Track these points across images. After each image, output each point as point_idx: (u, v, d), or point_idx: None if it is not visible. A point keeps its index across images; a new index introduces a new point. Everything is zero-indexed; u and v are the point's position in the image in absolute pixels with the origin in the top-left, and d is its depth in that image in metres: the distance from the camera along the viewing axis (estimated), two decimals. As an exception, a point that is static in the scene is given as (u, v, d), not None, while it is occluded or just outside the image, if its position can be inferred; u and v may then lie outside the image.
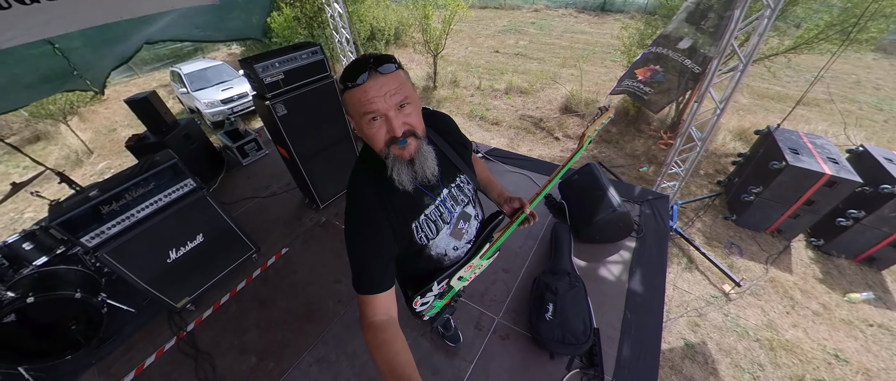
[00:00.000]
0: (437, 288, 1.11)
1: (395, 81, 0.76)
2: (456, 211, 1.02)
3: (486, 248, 1.11)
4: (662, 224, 2.70)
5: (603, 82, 7.33)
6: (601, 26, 11.81)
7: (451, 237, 1.03)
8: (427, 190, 0.94)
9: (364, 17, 9.44)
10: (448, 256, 1.07)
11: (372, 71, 0.74)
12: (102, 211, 1.90)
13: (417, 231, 0.95)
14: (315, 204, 3.21)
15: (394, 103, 0.75)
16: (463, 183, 1.03)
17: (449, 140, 1.01)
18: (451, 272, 1.10)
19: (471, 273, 1.16)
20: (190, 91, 7.38)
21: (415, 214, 0.93)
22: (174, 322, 2.36)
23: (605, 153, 5.09)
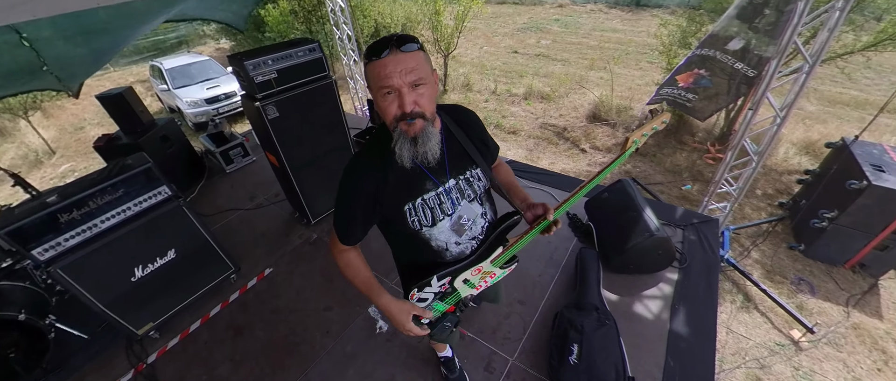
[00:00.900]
0: (438, 285, 1.16)
1: (414, 61, 0.87)
2: (461, 204, 1.09)
3: (498, 252, 1.15)
4: (711, 253, 2.60)
5: (638, 87, 7.32)
6: (636, 23, 11.89)
7: (452, 231, 1.10)
8: (431, 174, 1.02)
9: (368, 12, 9.68)
10: (449, 251, 1.14)
11: (394, 48, 0.85)
12: (60, 220, 1.86)
13: (410, 215, 1.04)
14: (306, 219, 3.15)
15: (408, 81, 0.86)
16: (474, 178, 1.10)
17: (469, 134, 1.10)
18: (455, 271, 1.15)
19: (479, 279, 1.20)
20: (171, 88, 7.52)
21: (411, 196, 1.03)
22: (133, 352, 2.27)
23: (640, 168, 5.00)
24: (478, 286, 1.24)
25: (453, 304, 1.27)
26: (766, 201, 4.32)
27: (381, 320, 2.32)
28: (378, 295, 1.15)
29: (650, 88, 7.03)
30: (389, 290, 1.41)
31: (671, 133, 5.55)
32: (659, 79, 6.14)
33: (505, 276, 1.28)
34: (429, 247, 1.12)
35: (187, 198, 3.53)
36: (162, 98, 8.70)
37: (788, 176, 4.63)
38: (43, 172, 7.18)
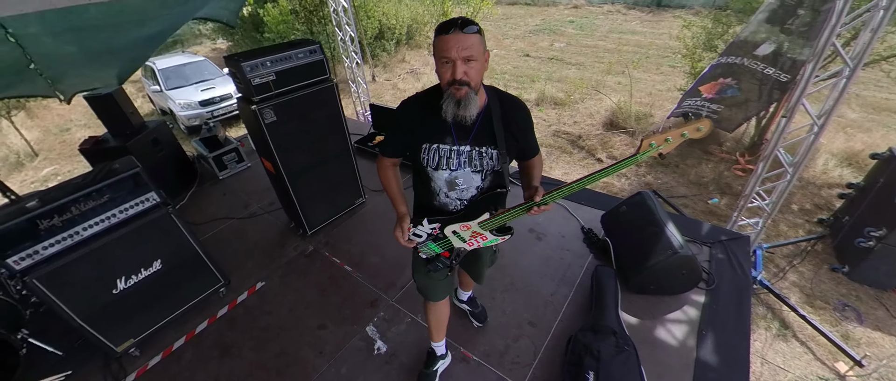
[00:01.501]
0: (429, 227, 1.49)
1: (469, 41, 1.14)
2: (465, 168, 1.36)
3: (484, 216, 1.39)
4: (742, 274, 2.55)
5: (658, 92, 7.32)
6: (657, 25, 11.99)
7: (446, 182, 1.40)
8: (455, 133, 1.32)
9: (372, 13, 9.86)
10: (439, 197, 1.45)
11: (457, 29, 1.13)
12: (40, 226, 1.86)
13: (424, 152, 1.37)
14: (302, 230, 3.15)
15: (462, 56, 1.14)
16: (486, 156, 1.34)
17: (507, 122, 1.34)
18: (443, 221, 1.46)
19: (467, 235, 1.48)
20: (163, 89, 7.67)
21: (432, 140, 1.35)
22: (111, 372, 2.24)
23: (662, 180, 4.95)
24: (469, 242, 1.52)
25: (447, 250, 1.58)
26: (803, 218, 4.25)
27: (379, 340, 2.28)
28: (397, 205, 1.53)
29: (672, 95, 7.03)
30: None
31: (696, 142, 5.51)
32: (682, 84, 6.13)
33: (498, 244, 1.53)
34: (428, 185, 1.45)
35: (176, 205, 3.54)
36: (154, 99, 8.87)
37: (829, 190, 4.55)
38: (24, 176, 7.29)
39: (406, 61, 10.82)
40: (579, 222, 3.06)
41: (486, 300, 2.45)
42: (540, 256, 2.79)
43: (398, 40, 11.32)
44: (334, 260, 2.93)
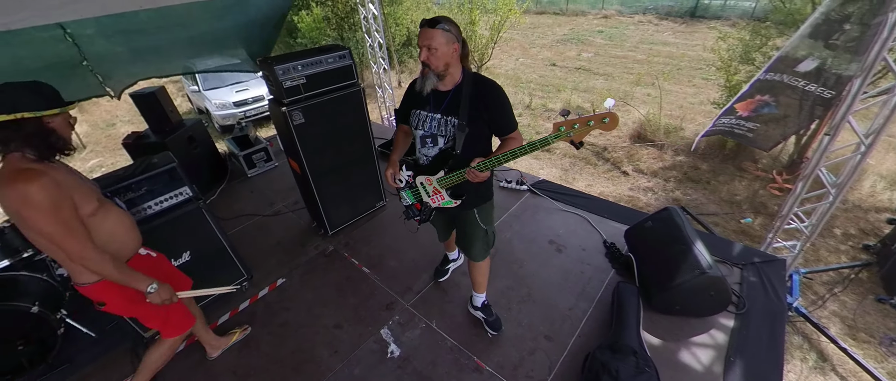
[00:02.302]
0: (406, 173, 1.90)
1: (431, 35, 1.54)
2: (434, 129, 1.74)
3: (440, 174, 1.76)
4: (776, 299, 2.42)
5: (690, 106, 7.11)
6: (690, 36, 11.69)
7: (420, 140, 1.81)
8: (433, 103, 1.72)
9: (401, 20, 10.08)
10: (417, 152, 1.88)
11: (426, 25, 1.56)
12: (84, 213, 1.98)
13: (413, 116, 1.81)
14: (323, 229, 3.22)
15: (425, 45, 1.56)
16: (450, 124, 1.68)
17: (474, 99, 1.64)
18: (416, 170, 1.86)
19: (430, 189, 1.84)
20: (201, 90, 8.07)
21: (419, 106, 1.78)
22: (138, 356, 2.34)
23: (691, 196, 4.77)
24: (432, 198, 1.86)
25: (418, 202, 1.94)
26: (847, 243, 4.00)
27: (393, 344, 2.29)
28: (393, 154, 1.93)
29: (705, 108, 6.80)
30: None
31: (729, 158, 5.29)
32: (715, 97, 5.93)
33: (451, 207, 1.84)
34: (413, 142, 1.91)
35: (207, 200, 3.70)
36: (192, 99, 9.33)
37: (876, 214, 4.28)
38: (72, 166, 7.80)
39: (433, 68, 10.95)
40: (601, 236, 2.99)
41: (502, 311, 2.42)
42: (559, 268, 2.73)
43: (425, 47, 11.47)
44: (353, 261, 2.97)
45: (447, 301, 2.54)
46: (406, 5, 10.62)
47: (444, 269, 2.71)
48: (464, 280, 2.69)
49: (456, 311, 2.47)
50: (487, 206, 1.96)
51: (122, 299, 1.62)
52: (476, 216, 1.91)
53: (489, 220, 1.99)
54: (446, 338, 2.30)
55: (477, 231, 1.97)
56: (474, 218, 1.92)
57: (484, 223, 1.94)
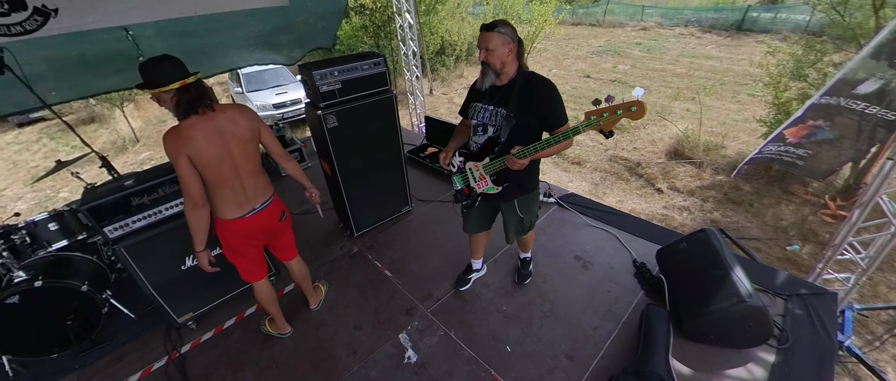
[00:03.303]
0: (458, 160, 2.07)
1: (487, 37, 1.73)
2: (485, 119, 1.92)
3: (486, 160, 1.91)
4: (825, 336, 2.23)
5: (733, 123, 6.77)
6: (735, 50, 11.18)
7: (473, 128, 2.01)
8: (488, 96, 1.90)
9: (436, 30, 10.26)
10: (470, 140, 2.06)
11: (484, 29, 1.75)
12: (133, 203, 2.13)
13: (471, 108, 2.00)
14: (349, 231, 3.29)
15: (484, 46, 1.75)
16: (500, 115, 1.84)
17: (523, 95, 1.79)
18: (466, 156, 2.04)
19: (477, 175, 2.00)
20: (244, 91, 8.51)
21: (477, 99, 1.96)
22: (170, 339, 2.47)
23: (731, 218, 4.52)
24: (477, 183, 2.01)
25: (466, 187, 2.09)
26: (908, 281, 3.64)
27: (411, 350, 2.29)
28: (451, 142, 2.14)
29: (749, 126, 6.45)
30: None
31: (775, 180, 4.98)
32: (762, 114, 5.61)
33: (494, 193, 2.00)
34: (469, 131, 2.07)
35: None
36: (235, 100, 9.86)
37: (942, 252, 3.87)
38: (126, 158, 8.44)
39: (464, 77, 11.05)
40: (631, 255, 2.88)
41: (523, 325, 2.37)
42: (585, 286, 2.65)
43: (458, 56, 11.62)
44: (376, 264, 3.01)
45: (467, 311, 2.52)
46: (441, 15, 10.81)
47: (466, 278, 2.71)
48: (485, 292, 2.66)
49: (475, 321, 2.44)
50: (529, 197, 2.10)
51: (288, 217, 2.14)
52: (516, 206, 2.09)
53: (528, 209, 2.14)
54: (464, 348, 2.28)
55: (513, 218, 2.17)
56: (513, 207, 2.10)
57: (522, 212, 2.12)
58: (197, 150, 1.59)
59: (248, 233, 1.93)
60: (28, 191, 7.46)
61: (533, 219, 2.24)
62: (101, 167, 3.01)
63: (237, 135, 1.68)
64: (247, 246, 1.99)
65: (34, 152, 9.53)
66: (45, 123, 11.07)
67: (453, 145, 2.11)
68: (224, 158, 1.68)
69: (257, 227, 1.94)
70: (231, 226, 1.86)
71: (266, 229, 2.01)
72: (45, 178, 3.10)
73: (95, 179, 2.81)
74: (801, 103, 4.83)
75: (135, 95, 10.21)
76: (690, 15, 14.40)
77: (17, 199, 7.30)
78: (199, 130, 1.60)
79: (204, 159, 1.62)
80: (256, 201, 1.86)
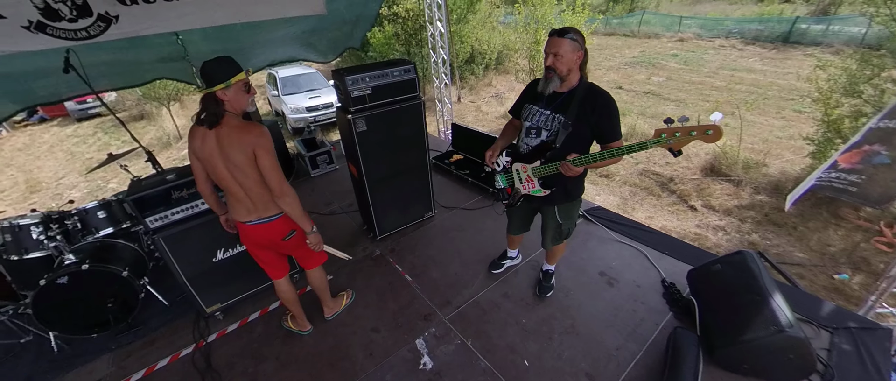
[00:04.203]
0: (505, 160, 2.11)
1: (557, 43, 1.73)
2: (540, 123, 1.93)
3: (537, 163, 1.93)
4: (876, 375, 2.05)
5: (777, 140, 6.40)
6: (781, 63, 10.61)
7: (526, 130, 2.02)
8: (546, 100, 1.91)
9: (466, 38, 10.34)
10: (520, 141, 2.07)
11: (553, 34, 1.75)
12: (173, 196, 2.26)
13: (525, 109, 2.02)
14: (372, 233, 3.34)
15: (552, 51, 1.75)
16: (558, 121, 1.85)
17: (583, 104, 1.80)
18: (515, 157, 2.06)
19: (524, 176, 2.02)
20: (280, 94, 8.88)
21: (533, 102, 1.98)
22: (198, 328, 2.58)
23: (772, 241, 4.25)
24: (523, 185, 2.04)
25: (509, 186, 2.14)
26: (975, 322, 3.28)
27: (426, 356, 2.28)
28: (499, 139, 2.19)
29: (795, 143, 6.08)
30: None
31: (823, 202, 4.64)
32: (809, 132, 5.27)
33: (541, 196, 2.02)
34: (519, 132, 2.09)
35: (272, 194, 4.04)
36: (271, 102, 10.30)
37: None
38: (169, 153, 8.97)
39: (492, 85, 11.05)
40: (660, 274, 2.76)
41: (543, 340, 2.31)
42: (609, 303, 2.56)
43: (487, 65, 11.65)
44: (397, 268, 3.04)
45: (485, 321, 2.49)
46: (472, 24, 10.89)
47: (500, 263, 2.85)
48: (504, 303, 2.62)
49: (493, 332, 2.40)
50: (571, 205, 2.13)
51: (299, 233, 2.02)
52: (556, 212, 2.12)
53: (568, 216, 2.16)
54: (480, 359, 2.24)
55: (552, 223, 2.20)
56: (554, 213, 2.13)
57: (561, 218, 2.14)
58: (194, 151, 1.79)
59: (253, 239, 2.00)
60: (82, 180, 8.06)
61: (571, 227, 2.25)
62: (147, 161, 3.21)
63: (228, 152, 1.72)
64: (257, 248, 2.07)
65: (90, 145, 10.30)
66: (100, 119, 11.96)
67: (501, 143, 2.15)
68: (217, 167, 1.77)
69: (260, 236, 1.97)
70: (240, 227, 1.98)
71: (270, 242, 2.01)
72: (98, 169, 3.34)
73: (141, 172, 2.99)
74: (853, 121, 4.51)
75: (181, 95, 10.88)
76: (732, 26, 13.82)
77: (72, 187, 7.89)
78: (199, 135, 1.75)
79: (201, 160, 1.80)
80: (263, 212, 1.88)
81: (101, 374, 2.36)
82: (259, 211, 1.87)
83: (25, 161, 9.62)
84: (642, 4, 21.91)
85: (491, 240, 3.19)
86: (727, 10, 18.45)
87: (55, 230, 2.50)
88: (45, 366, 2.42)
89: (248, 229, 1.93)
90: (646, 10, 19.49)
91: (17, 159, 9.78)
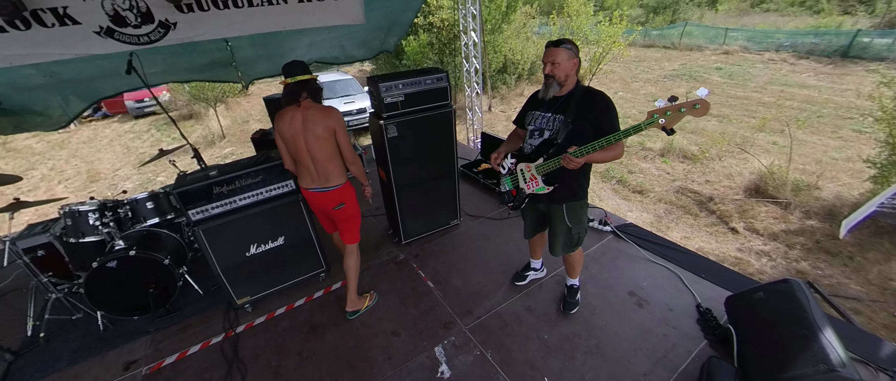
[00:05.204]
0: (509, 161, 2.21)
1: (556, 52, 1.90)
2: (542, 124, 2.05)
3: (539, 160, 2.02)
4: (944, 431, 1.82)
5: (832, 161, 5.95)
6: (838, 79, 9.89)
7: (529, 132, 2.12)
8: (547, 105, 2.04)
9: (499, 48, 10.35)
10: (524, 143, 2.17)
11: (551, 46, 1.92)
12: (214, 191, 2.39)
13: (528, 116, 2.15)
14: (397, 238, 3.38)
15: (549, 60, 1.92)
16: (557, 120, 1.97)
17: (580, 105, 1.92)
18: (519, 158, 2.16)
19: (528, 175, 2.11)
20: (317, 99, 9.23)
21: (535, 108, 2.12)
22: (228, 319, 2.70)
23: (824, 271, 3.91)
24: (527, 184, 2.13)
25: (513, 188, 2.22)
26: None
27: (444, 364, 2.27)
28: (504, 144, 2.32)
29: (853, 166, 5.62)
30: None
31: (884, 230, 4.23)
32: (870, 154, 4.85)
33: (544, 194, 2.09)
34: (523, 137, 2.21)
35: (304, 194, 4.19)
36: (308, 105, 10.71)
37: None
38: (213, 151, 9.51)
39: (524, 95, 10.97)
40: (695, 298, 2.61)
41: (565, 358, 2.24)
42: (638, 325, 2.45)
43: (520, 75, 11.59)
44: (420, 273, 3.05)
45: (506, 334, 2.45)
46: (506, 34, 10.90)
47: (523, 274, 2.84)
48: (527, 317, 2.57)
49: (513, 346, 2.36)
50: (577, 205, 2.15)
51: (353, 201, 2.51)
52: (564, 212, 2.14)
53: (577, 219, 2.17)
54: (499, 373, 2.20)
55: (561, 227, 2.20)
56: (562, 213, 2.15)
57: (570, 221, 2.15)
58: (281, 129, 2.24)
59: (312, 203, 2.50)
60: (135, 173, 8.69)
61: (581, 232, 2.24)
62: (193, 158, 3.43)
63: (311, 128, 2.19)
64: (315, 211, 2.59)
65: (144, 140, 11.10)
66: (154, 117, 12.88)
67: (504, 149, 2.27)
68: (298, 141, 2.23)
69: (317, 201, 2.45)
70: (304, 193, 2.48)
71: (323, 209, 2.48)
72: (149, 163, 3.59)
73: (187, 167, 3.19)
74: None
75: (226, 97, 11.55)
76: (783, 39, 13.03)
77: (126, 179, 8.53)
78: (286, 116, 2.22)
79: (285, 137, 2.25)
80: (323, 182, 2.33)
81: (139, 355, 2.51)
82: (320, 182, 2.33)
83: (88, 153, 10.50)
84: (684, 16, 21.15)
85: (516, 251, 3.15)
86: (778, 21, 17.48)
87: (109, 218, 2.71)
88: (91, 343, 2.61)
89: (309, 194, 2.43)
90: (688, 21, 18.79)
91: (82, 151, 10.69)
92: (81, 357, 2.51)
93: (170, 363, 2.43)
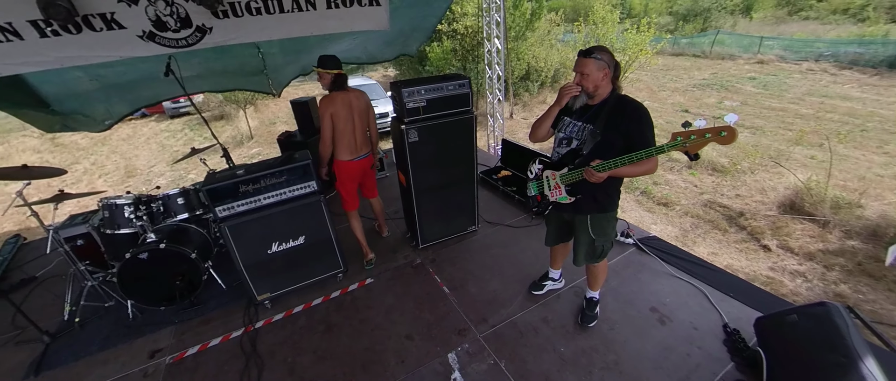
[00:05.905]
0: (536, 167, 2.19)
1: (586, 63, 1.84)
2: (571, 133, 2.01)
3: (564, 170, 2.01)
4: None
5: (877, 179, 5.60)
6: (885, 91, 9.36)
7: (558, 140, 2.10)
8: (579, 112, 1.99)
9: (523, 55, 10.31)
10: (554, 149, 2.14)
11: (580, 55, 1.86)
12: (240, 189, 2.47)
13: (560, 121, 2.08)
14: (415, 241, 3.39)
15: (580, 70, 1.86)
16: (587, 131, 1.93)
17: (611, 114, 1.85)
18: (546, 164, 2.15)
19: (552, 183, 2.10)
20: (342, 102, 9.46)
21: (567, 115, 2.04)
22: (249, 314, 2.77)
23: (865, 295, 3.67)
24: (551, 192, 2.12)
25: (538, 194, 2.21)
26: None
27: (457, 371, 2.24)
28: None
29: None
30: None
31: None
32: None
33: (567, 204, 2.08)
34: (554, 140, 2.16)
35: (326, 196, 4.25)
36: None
37: None
38: (241, 151, 9.85)
39: (546, 103, 10.87)
40: (722, 318, 2.49)
41: (581, 373, 2.18)
42: (659, 343, 2.35)
43: (543, 82, 11.49)
44: (436, 278, 3.04)
45: (522, 344, 2.40)
46: (530, 41, 10.85)
47: (541, 283, 2.80)
48: (543, 328, 2.52)
49: (528, 357, 2.31)
50: (602, 217, 2.09)
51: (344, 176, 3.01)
52: (588, 223, 2.10)
53: (601, 231, 2.11)
54: (513, 383, 2.16)
55: (584, 238, 2.16)
56: (586, 224, 2.11)
57: (594, 233, 2.11)
58: (335, 110, 2.69)
59: (351, 173, 2.97)
60: (168, 170, 9.11)
61: (606, 245, 2.17)
62: (222, 157, 3.56)
63: (357, 107, 2.79)
64: (350, 182, 3.02)
65: (177, 139, 11.64)
66: (188, 117, 13.50)
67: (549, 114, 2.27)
68: (347, 119, 2.74)
69: (358, 168, 2.98)
70: (343, 165, 2.91)
71: (363, 170, 3.05)
72: (182, 161, 3.75)
73: (216, 166, 3.32)
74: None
75: (255, 99, 11.98)
76: (824, 48, 12.40)
77: (160, 175, 8.95)
78: (339, 99, 2.70)
79: (340, 116, 2.71)
80: (361, 151, 2.93)
81: (163, 344, 2.60)
82: (359, 150, 2.92)
83: (127, 150, 11.10)
84: (716, 24, 20.46)
85: (534, 261, 3.10)
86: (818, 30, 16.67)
87: (142, 211, 2.84)
88: (121, 330, 2.73)
89: (351, 164, 2.92)
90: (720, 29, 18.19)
91: (121, 148, 11.31)
92: (111, 343, 2.63)
93: (191, 355, 2.51)
